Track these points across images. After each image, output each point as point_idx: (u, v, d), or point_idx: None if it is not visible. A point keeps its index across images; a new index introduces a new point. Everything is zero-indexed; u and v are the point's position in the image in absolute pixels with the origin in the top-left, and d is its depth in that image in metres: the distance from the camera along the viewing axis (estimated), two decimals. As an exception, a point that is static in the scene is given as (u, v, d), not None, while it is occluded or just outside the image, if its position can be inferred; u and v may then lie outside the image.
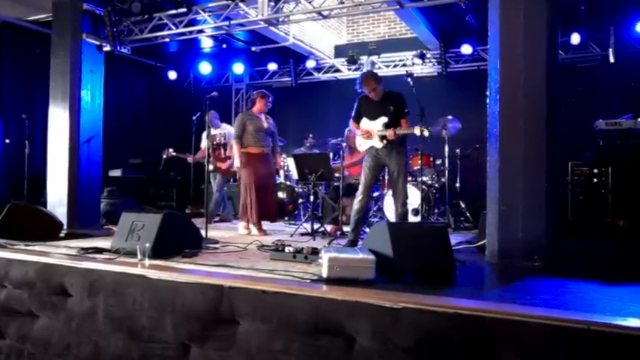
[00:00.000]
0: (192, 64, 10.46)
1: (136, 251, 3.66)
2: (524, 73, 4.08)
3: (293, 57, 9.80)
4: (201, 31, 6.96)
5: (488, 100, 4.30)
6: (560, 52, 7.70)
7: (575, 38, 7.51)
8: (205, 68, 10.21)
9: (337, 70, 9.87)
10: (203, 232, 4.96)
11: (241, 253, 4.37)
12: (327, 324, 2.82)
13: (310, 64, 9.67)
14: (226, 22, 6.50)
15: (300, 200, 7.77)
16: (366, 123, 5.01)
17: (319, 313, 2.85)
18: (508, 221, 4.01)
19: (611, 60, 7.23)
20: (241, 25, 6.59)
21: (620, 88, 6.88)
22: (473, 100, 7.28)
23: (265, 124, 5.77)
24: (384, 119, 4.87)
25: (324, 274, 3.15)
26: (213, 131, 6.93)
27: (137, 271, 3.44)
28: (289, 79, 10.21)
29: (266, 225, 6.03)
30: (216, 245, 4.76)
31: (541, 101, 4.04)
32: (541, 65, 4.08)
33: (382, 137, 4.85)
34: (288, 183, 8.06)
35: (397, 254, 3.23)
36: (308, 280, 3.19)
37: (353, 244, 4.76)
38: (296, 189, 7.89)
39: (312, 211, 5.70)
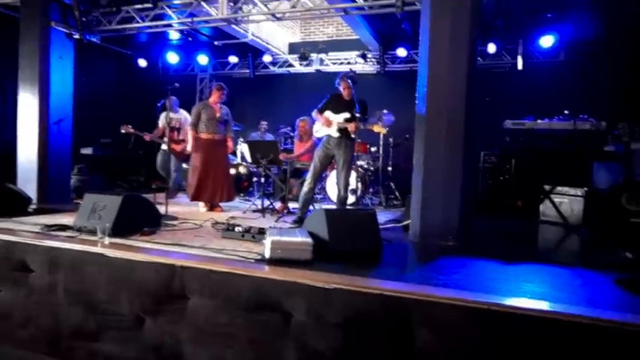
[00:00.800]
0: (160, 54, 9.87)
1: (97, 230, 3.38)
2: (449, 78, 4.01)
3: (252, 51, 9.41)
4: (167, 25, 6.49)
5: (417, 101, 4.21)
6: (479, 58, 7.77)
7: (492, 48, 7.56)
8: (173, 58, 9.65)
9: (290, 65, 9.56)
10: (164, 208, 4.70)
11: (196, 231, 4.14)
12: (267, 301, 2.69)
13: (267, 58, 9.33)
14: (189, 19, 6.08)
15: (255, 179, 7.56)
16: (329, 115, 4.87)
17: (260, 291, 2.72)
18: (429, 206, 3.98)
19: (520, 68, 7.32)
20: (205, 22, 6.18)
21: (526, 93, 6.98)
22: (405, 97, 7.19)
23: (218, 114, 5.49)
24: (346, 115, 4.76)
25: (267, 255, 3.00)
26: (171, 115, 6.58)
27: (96, 249, 3.17)
28: (248, 71, 9.81)
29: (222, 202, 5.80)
30: (175, 222, 4.51)
31: (461, 103, 3.99)
32: (463, 71, 4.01)
33: (340, 129, 4.73)
34: (244, 163, 7.80)
35: (332, 238, 3.12)
36: (252, 260, 3.04)
37: (301, 221, 4.63)
38: (251, 169, 7.66)
39: (263, 191, 5.51)
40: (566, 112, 5.17)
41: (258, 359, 2.69)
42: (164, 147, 6.68)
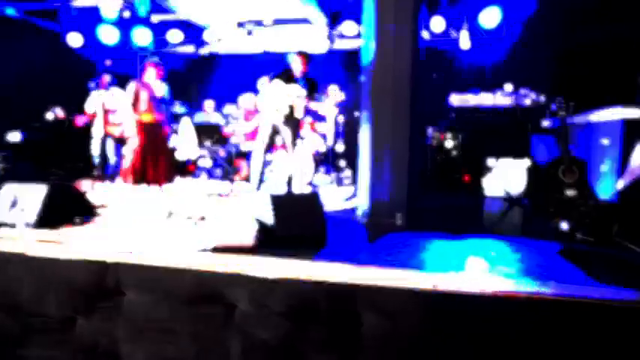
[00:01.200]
0: (94, 30, 9.15)
1: (18, 225, 3.08)
2: (395, 56, 3.92)
3: (195, 28, 8.95)
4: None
5: (362, 76, 4.11)
6: (425, 35, 7.76)
7: (437, 23, 7.55)
8: (108, 34, 8.99)
9: (236, 43, 9.19)
10: (100, 196, 4.39)
11: (134, 220, 3.89)
12: (209, 293, 2.55)
13: (210, 36, 8.90)
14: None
15: (202, 161, 7.26)
16: (280, 84, 4.65)
17: (202, 283, 2.57)
18: (376, 185, 3.93)
19: (464, 44, 7.37)
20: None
21: (472, 69, 7.06)
22: (355, 74, 7.14)
23: (156, 93, 5.16)
24: (297, 89, 4.61)
25: (209, 244, 2.84)
26: (104, 96, 6.15)
27: (18, 247, 2.88)
28: (192, 49, 9.35)
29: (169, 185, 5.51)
30: (109, 212, 4.21)
31: (406, 79, 3.92)
32: (408, 48, 3.93)
33: (288, 105, 4.61)
34: (190, 145, 7.47)
35: (278, 223, 2.99)
36: (193, 250, 2.87)
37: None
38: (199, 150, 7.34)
39: (208, 175, 5.28)
40: (507, 86, 5.24)
41: (201, 353, 2.56)
42: (99, 130, 6.25)
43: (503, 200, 5.11)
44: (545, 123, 5.48)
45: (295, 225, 3.05)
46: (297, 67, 4.56)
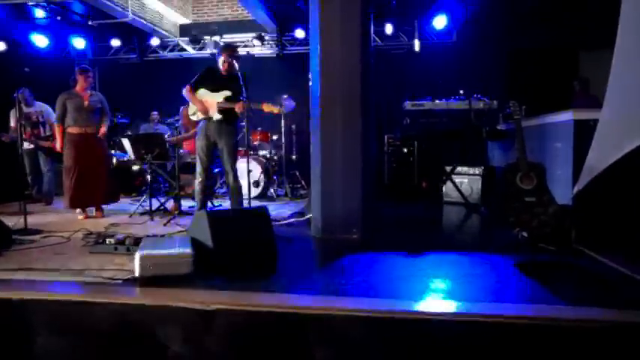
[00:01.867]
0: (25, 36, 8.45)
1: None
2: (342, 62, 3.70)
3: (137, 34, 8.45)
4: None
5: (310, 84, 3.87)
6: (376, 39, 7.68)
7: (389, 28, 7.49)
8: (40, 41, 8.33)
9: (182, 49, 8.78)
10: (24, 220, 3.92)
11: (61, 247, 3.45)
12: (136, 332, 2.20)
13: (154, 41, 8.44)
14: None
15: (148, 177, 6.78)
16: (205, 94, 4.29)
17: (127, 321, 2.22)
18: (329, 198, 3.69)
19: (416, 49, 7.33)
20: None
21: (425, 74, 7.01)
22: (307, 80, 6.91)
23: (87, 102, 4.69)
24: (227, 93, 4.22)
25: (137, 273, 2.49)
26: (26, 110, 5.65)
27: None
28: (134, 55, 8.83)
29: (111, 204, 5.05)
30: (35, 237, 3.75)
31: (356, 86, 3.72)
32: (356, 52, 3.73)
33: (221, 111, 4.20)
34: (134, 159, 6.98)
35: (217, 245, 2.68)
36: (120, 281, 2.51)
37: None
38: (144, 165, 6.86)
39: (150, 192, 4.86)
40: (461, 91, 5.18)
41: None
42: (28, 146, 5.70)
43: (462, 206, 5.03)
44: (499, 127, 5.46)
45: (238, 247, 2.74)
46: (222, 63, 4.20)
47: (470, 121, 4.99)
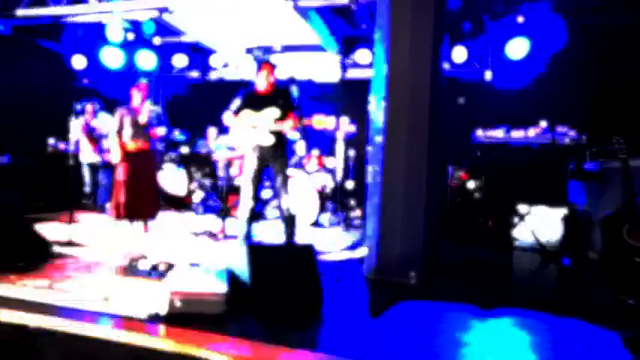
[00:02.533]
0: (96, 52, 8.85)
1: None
2: (411, 82, 3.35)
3: (201, 53, 8.63)
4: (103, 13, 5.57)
5: (372, 109, 3.53)
6: (446, 66, 7.26)
7: (460, 54, 7.05)
8: (112, 57, 8.69)
9: (243, 70, 8.81)
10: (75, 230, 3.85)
11: (94, 266, 3.29)
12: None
13: (217, 61, 8.54)
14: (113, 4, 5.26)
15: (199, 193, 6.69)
16: (249, 114, 3.86)
17: (144, 366, 1.94)
18: (387, 235, 3.29)
19: (489, 76, 6.82)
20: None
21: (498, 103, 6.47)
22: (366, 107, 6.63)
23: (142, 118, 4.66)
24: (274, 111, 3.79)
25: (162, 310, 2.21)
26: (93, 123, 5.75)
27: None
28: (198, 74, 9.00)
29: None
30: (76, 250, 3.64)
31: (425, 114, 3.34)
32: (427, 74, 3.37)
33: (273, 133, 3.81)
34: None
35: (256, 283, 2.36)
36: (143, 316, 2.24)
37: None
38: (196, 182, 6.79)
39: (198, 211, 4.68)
40: (543, 122, 4.62)
41: None
42: (88, 158, 5.81)
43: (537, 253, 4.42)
44: (587, 166, 4.81)
45: (279, 286, 2.41)
46: (261, 82, 3.80)
47: (551, 157, 4.41)
